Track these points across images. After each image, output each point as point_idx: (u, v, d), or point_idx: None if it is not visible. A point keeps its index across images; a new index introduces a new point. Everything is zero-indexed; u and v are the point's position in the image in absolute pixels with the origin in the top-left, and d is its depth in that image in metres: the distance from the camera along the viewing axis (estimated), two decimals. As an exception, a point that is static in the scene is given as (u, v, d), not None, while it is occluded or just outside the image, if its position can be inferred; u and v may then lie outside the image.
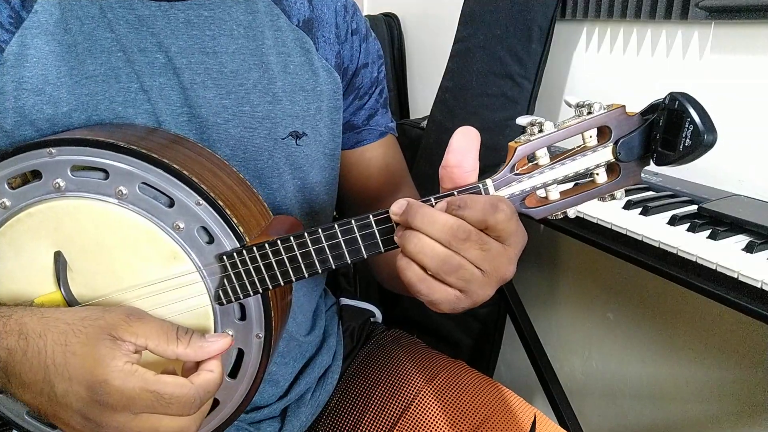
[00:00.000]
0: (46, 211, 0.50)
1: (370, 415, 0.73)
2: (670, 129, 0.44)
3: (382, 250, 0.50)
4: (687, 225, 0.80)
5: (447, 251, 0.45)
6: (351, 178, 0.77)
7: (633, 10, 1.03)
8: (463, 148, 0.47)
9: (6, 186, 0.50)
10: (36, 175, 0.50)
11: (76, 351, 0.44)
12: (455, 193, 0.48)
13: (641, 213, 0.85)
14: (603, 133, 0.48)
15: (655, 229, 0.80)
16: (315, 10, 0.67)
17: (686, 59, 0.99)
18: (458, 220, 0.45)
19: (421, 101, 1.71)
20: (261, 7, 0.63)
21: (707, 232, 0.77)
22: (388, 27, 1.67)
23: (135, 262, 0.51)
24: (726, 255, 0.71)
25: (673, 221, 0.81)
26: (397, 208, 0.47)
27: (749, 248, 0.72)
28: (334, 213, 0.76)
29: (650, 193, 0.92)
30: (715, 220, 0.80)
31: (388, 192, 0.79)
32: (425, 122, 1.36)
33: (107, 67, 0.56)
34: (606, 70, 1.13)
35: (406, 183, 0.82)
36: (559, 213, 0.50)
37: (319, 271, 0.51)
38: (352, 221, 0.49)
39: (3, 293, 0.52)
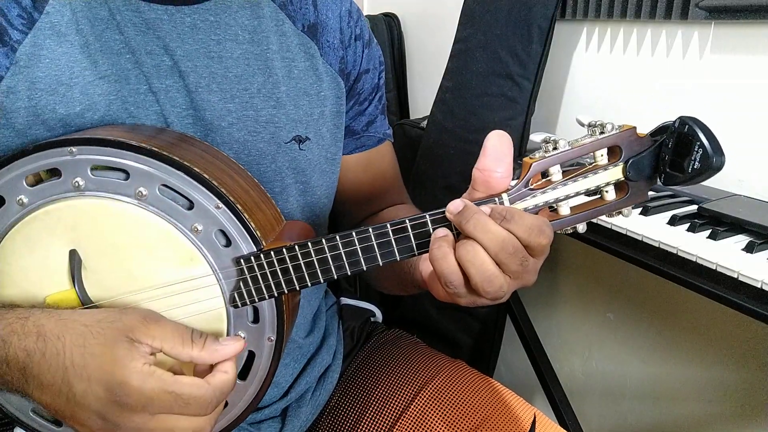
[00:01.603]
0: (64, 210, 0.50)
1: (370, 414, 0.74)
2: (679, 151, 0.46)
3: (398, 258, 0.50)
4: (687, 225, 0.80)
5: (495, 270, 0.47)
6: (346, 183, 0.77)
7: (633, 10, 1.03)
8: (500, 152, 0.48)
9: (24, 183, 0.50)
10: (54, 173, 0.50)
11: (95, 352, 0.45)
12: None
13: (641, 213, 0.85)
14: (614, 152, 0.49)
15: (655, 229, 0.80)
16: (320, 15, 0.67)
17: (686, 59, 0.99)
18: (510, 234, 0.46)
19: (421, 101, 1.71)
20: (266, 12, 0.63)
21: (707, 232, 0.77)
22: (388, 27, 1.67)
23: (151, 262, 0.51)
24: (726, 255, 0.71)
25: (673, 221, 0.81)
26: (453, 207, 0.48)
27: (749, 248, 0.72)
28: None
29: (650, 193, 0.91)
30: (715, 220, 0.80)
31: (381, 197, 0.80)
32: (425, 122, 1.36)
33: (118, 68, 0.56)
34: (606, 70, 1.13)
35: (400, 189, 0.83)
36: (568, 228, 0.51)
37: (335, 277, 0.51)
38: (370, 229, 0.50)
39: (16, 290, 0.52)
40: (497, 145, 0.48)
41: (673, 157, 0.47)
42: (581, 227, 0.51)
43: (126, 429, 0.46)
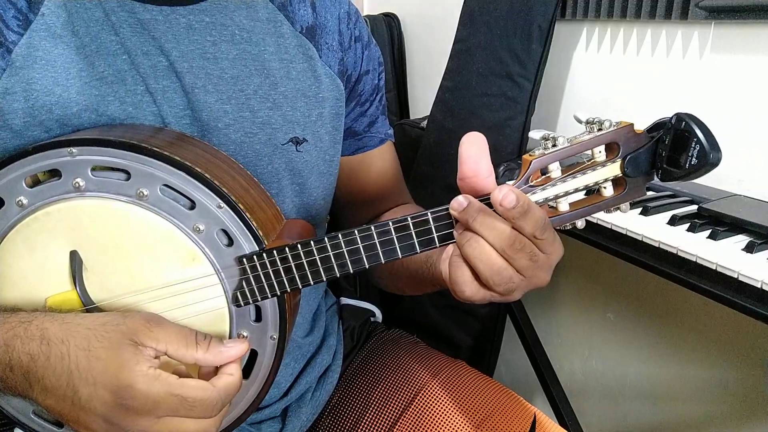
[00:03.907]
0: (65, 211, 0.50)
1: (370, 414, 0.74)
2: (676, 147, 0.47)
3: (400, 256, 0.51)
4: (687, 225, 0.80)
5: (502, 263, 0.47)
6: (349, 184, 0.77)
7: (633, 10, 1.03)
8: (474, 155, 0.49)
9: (23, 184, 0.50)
10: (54, 173, 0.50)
11: (100, 356, 0.45)
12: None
13: (641, 213, 0.85)
14: (611, 148, 0.50)
15: (655, 229, 0.80)
16: (318, 17, 0.67)
17: (686, 59, 0.99)
18: (515, 232, 0.47)
19: (421, 101, 1.71)
20: (264, 13, 0.63)
21: (707, 232, 0.77)
22: (388, 27, 1.67)
23: (153, 263, 0.52)
24: (726, 255, 0.71)
25: (673, 221, 0.81)
26: (457, 204, 0.48)
27: (749, 248, 0.72)
28: (328, 217, 0.77)
29: (650, 193, 0.92)
30: (715, 220, 0.80)
31: (384, 198, 0.80)
32: (425, 122, 1.36)
33: (114, 69, 0.56)
34: (606, 70, 1.13)
35: (402, 189, 0.83)
36: (567, 224, 0.52)
37: (338, 275, 0.52)
38: (372, 228, 0.50)
39: (16, 292, 0.52)
40: (470, 149, 0.49)
41: (670, 153, 0.47)
42: (580, 223, 0.52)
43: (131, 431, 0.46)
